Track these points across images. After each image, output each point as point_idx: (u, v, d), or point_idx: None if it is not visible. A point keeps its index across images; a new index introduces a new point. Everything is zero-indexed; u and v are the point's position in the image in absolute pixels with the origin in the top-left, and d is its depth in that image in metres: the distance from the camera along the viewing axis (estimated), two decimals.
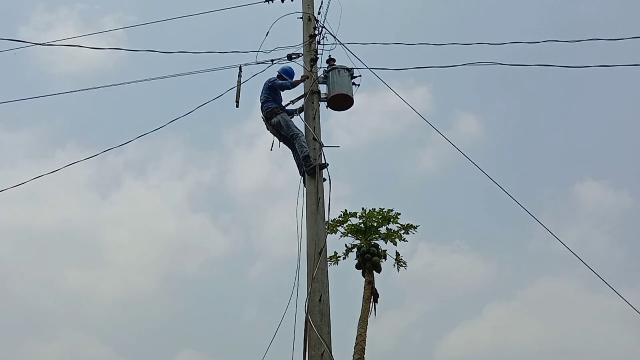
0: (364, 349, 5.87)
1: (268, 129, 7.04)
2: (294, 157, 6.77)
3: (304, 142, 6.59)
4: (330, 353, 5.07)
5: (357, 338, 6.04)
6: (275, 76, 7.20)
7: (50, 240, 21.22)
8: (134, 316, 19.78)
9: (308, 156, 6.43)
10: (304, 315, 5.39)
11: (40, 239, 20.94)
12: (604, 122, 23.85)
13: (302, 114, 6.93)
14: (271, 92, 7.07)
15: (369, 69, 6.94)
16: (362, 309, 6.44)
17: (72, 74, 24.25)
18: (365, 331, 6.14)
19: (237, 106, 6.99)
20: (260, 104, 7.07)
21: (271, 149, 6.94)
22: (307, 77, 6.99)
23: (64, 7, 28.78)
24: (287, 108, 7.09)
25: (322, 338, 5.06)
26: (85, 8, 27.11)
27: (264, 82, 7.15)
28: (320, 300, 5.46)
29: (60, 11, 28.22)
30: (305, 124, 6.76)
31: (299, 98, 7.13)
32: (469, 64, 6.82)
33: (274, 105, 6.96)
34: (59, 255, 21.08)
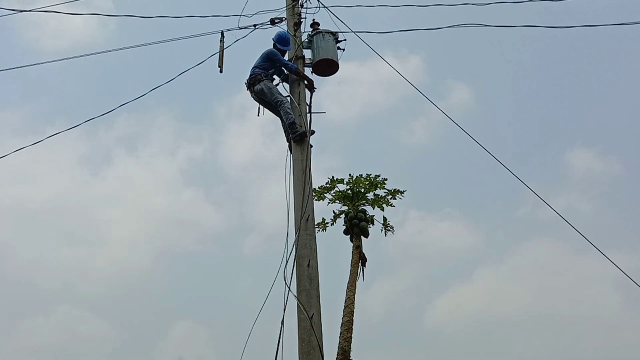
0: (353, 311, 5.95)
1: (253, 97, 6.93)
2: (282, 124, 6.71)
3: (288, 108, 6.52)
4: (320, 316, 5.14)
5: (345, 301, 6.11)
6: (272, 47, 6.99)
7: (42, 218, 21.00)
8: (129, 291, 19.84)
9: (294, 123, 6.38)
10: (295, 280, 5.44)
11: (31, 216, 20.70)
12: (595, 88, 23.88)
13: (287, 83, 6.84)
14: (264, 61, 6.89)
15: (354, 32, 6.86)
16: (350, 273, 6.48)
17: (60, 50, 23.55)
18: (354, 294, 6.20)
19: (220, 71, 6.90)
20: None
21: (258, 115, 6.88)
22: (312, 83, 6.77)
23: None
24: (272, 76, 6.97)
25: (302, 306, 5.11)
26: None
27: (264, 51, 6.95)
28: (308, 265, 5.52)
29: None
30: (288, 90, 6.69)
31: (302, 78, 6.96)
32: (454, 25, 6.78)
33: (259, 72, 6.84)
34: (52, 233, 20.92)
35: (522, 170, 6.13)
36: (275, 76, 6.96)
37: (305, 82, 6.78)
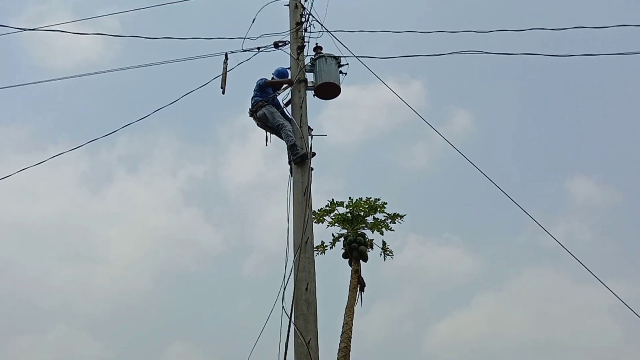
0: (350, 337, 5.89)
1: (258, 125, 7.04)
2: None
3: (289, 131, 6.58)
4: (317, 341, 5.08)
5: (343, 326, 6.05)
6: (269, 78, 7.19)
7: (42, 236, 20.97)
8: (126, 311, 19.67)
9: (294, 145, 6.42)
10: (293, 305, 5.39)
11: (31, 234, 20.68)
12: (596, 116, 24.04)
13: (289, 107, 6.90)
14: (260, 90, 7.09)
15: (356, 57, 6.91)
16: (348, 297, 6.44)
17: (66, 69, 23.84)
18: (352, 319, 6.15)
19: (223, 92, 6.96)
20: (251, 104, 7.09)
21: (266, 144, 7.00)
22: (291, 83, 6.90)
23: None
24: (273, 99, 7.06)
25: (299, 331, 5.05)
26: (79, 0, 26.60)
27: (256, 82, 7.14)
28: (307, 289, 5.46)
29: (53, 2, 27.61)
30: (291, 113, 6.73)
31: (285, 88, 7.09)
32: (455, 52, 6.83)
33: (259, 99, 6.96)
34: (51, 251, 20.88)
35: (522, 197, 6.11)
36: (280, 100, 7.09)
37: (283, 86, 6.95)
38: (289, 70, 7.09)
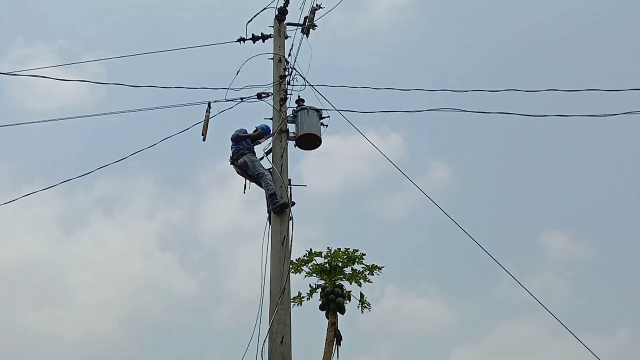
0: None
1: (237, 172, 7.10)
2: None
3: (270, 180, 6.62)
4: None
5: None
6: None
7: (10, 277, 20.28)
8: (94, 358, 18.86)
9: (274, 194, 6.44)
10: (267, 358, 5.26)
11: (0, 275, 19.98)
12: (570, 174, 24.79)
13: (270, 155, 6.98)
14: (235, 142, 7.24)
15: (337, 110, 7.06)
16: (325, 351, 6.32)
17: (48, 112, 23.85)
18: None
19: (204, 139, 7.02)
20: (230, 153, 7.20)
21: (244, 192, 7.01)
22: (261, 136, 7.12)
23: (43, 42, 28.45)
24: (253, 148, 7.15)
25: None
26: (65, 44, 26.87)
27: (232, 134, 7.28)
28: (282, 342, 5.35)
29: (39, 46, 27.88)
30: (271, 162, 6.78)
31: (266, 138, 7.19)
32: (433, 109, 7.03)
33: (241, 147, 7.06)
34: (18, 294, 20.14)
35: (498, 250, 6.17)
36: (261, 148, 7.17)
37: (251, 140, 7.15)
38: (270, 127, 7.22)
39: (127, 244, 23.12)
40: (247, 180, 7.09)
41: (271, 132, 7.14)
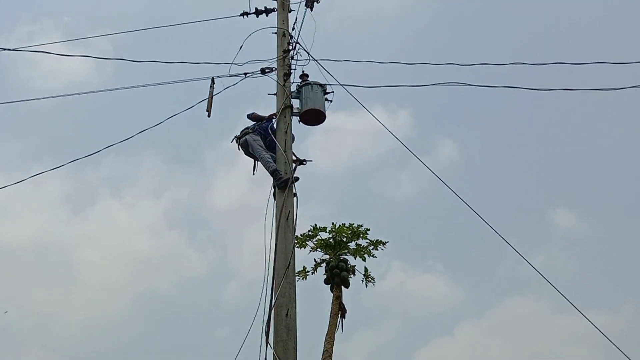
0: None
1: (244, 153, 7.13)
2: None
3: (268, 158, 6.67)
4: None
5: (323, 354, 6.01)
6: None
7: (19, 257, 20.55)
8: (102, 336, 19.21)
9: (276, 170, 6.47)
10: (273, 330, 5.34)
11: (8, 255, 20.24)
12: (578, 151, 24.61)
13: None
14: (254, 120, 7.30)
15: (341, 85, 7.02)
16: (329, 324, 6.40)
17: (53, 90, 23.83)
18: (332, 347, 6.10)
19: (208, 116, 7.03)
20: None
21: (253, 173, 7.03)
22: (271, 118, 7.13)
23: (49, 19, 28.23)
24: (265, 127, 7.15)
25: (279, 358, 4.99)
26: (71, 21, 26.65)
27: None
28: (287, 315, 5.42)
29: (44, 23, 27.66)
30: (276, 139, 6.78)
31: (272, 115, 7.17)
32: (439, 84, 6.96)
33: (248, 127, 7.10)
34: (27, 272, 20.41)
35: (504, 226, 6.17)
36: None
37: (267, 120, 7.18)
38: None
39: (135, 223, 23.34)
40: (255, 161, 7.12)
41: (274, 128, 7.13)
